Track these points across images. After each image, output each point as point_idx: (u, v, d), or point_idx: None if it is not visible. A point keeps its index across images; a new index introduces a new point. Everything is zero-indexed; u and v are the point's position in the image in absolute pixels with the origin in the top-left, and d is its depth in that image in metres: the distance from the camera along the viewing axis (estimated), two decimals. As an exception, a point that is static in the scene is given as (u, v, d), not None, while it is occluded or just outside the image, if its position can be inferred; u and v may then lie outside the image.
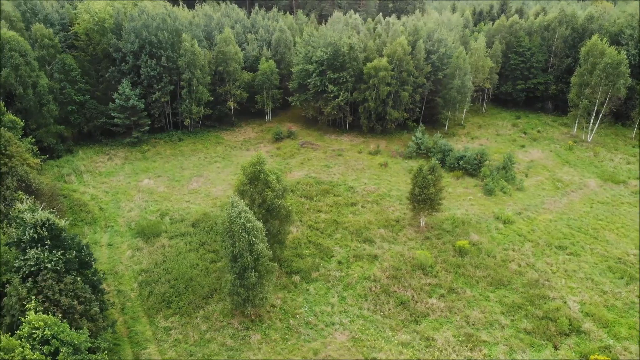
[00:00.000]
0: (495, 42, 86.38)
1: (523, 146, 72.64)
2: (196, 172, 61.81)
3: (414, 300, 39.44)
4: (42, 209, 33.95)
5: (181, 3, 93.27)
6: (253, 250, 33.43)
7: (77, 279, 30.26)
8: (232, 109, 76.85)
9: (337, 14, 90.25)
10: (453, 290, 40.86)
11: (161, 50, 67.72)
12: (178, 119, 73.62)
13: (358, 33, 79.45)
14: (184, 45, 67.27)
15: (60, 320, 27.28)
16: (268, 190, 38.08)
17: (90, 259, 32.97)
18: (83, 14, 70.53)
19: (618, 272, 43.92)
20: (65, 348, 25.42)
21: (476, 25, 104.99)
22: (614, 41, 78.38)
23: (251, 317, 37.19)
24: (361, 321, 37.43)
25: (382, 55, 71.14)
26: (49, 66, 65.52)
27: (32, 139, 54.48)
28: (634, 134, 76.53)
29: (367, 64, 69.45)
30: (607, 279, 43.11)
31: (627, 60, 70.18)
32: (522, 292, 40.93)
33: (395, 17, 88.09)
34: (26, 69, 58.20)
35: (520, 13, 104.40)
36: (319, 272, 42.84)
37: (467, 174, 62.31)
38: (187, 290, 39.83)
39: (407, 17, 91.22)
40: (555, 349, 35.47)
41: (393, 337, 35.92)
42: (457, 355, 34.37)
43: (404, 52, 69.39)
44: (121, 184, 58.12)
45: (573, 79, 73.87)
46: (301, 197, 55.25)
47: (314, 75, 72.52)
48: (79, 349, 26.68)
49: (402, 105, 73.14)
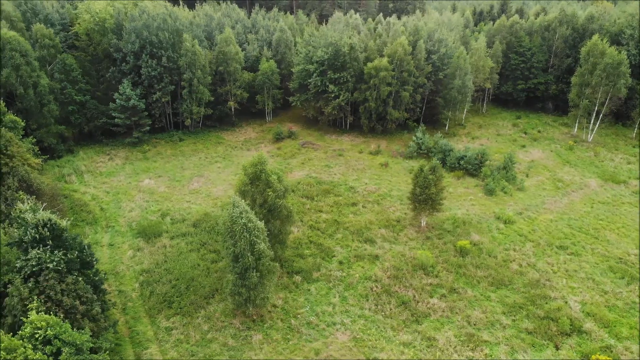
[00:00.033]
0: (496, 42, 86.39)
1: (524, 146, 72.66)
2: (197, 172, 61.81)
3: (415, 300, 39.46)
4: (43, 209, 33.99)
5: (181, 3, 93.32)
6: (254, 250, 33.44)
7: (79, 279, 30.28)
8: (233, 109, 76.85)
9: (337, 14, 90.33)
10: (454, 290, 40.88)
11: (162, 51, 67.72)
12: (179, 119, 73.64)
13: (359, 33, 79.49)
14: (185, 46, 67.28)
15: (62, 320, 27.29)
16: (269, 190, 38.08)
17: (92, 259, 33.03)
18: (84, 14, 70.53)
19: (619, 272, 43.94)
20: (68, 348, 25.44)
21: (476, 25, 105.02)
22: (615, 41, 78.39)
23: (252, 317, 37.21)
24: (362, 321, 37.45)
25: (382, 56, 71.15)
26: (50, 66, 65.52)
27: (32, 139, 54.45)
28: (634, 134, 76.56)
29: (368, 64, 69.46)
30: (608, 279, 43.14)
31: (628, 60, 70.16)
32: (523, 292, 40.95)
33: (395, 17, 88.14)
34: (27, 69, 58.19)
35: (521, 13, 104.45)
36: (320, 272, 42.85)
37: (467, 174, 62.32)
38: (188, 290, 39.84)
39: (407, 17, 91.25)
40: (557, 348, 35.50)
41: (394, 337, 35.94)
42: (459, 355, 34.38)
43: (404, 52, 69.40)
44: (122, 184, 58.12)
45: (573, 79, 73.88)
46: (302, 197, 55.26)
47: (315, 75, 72.53)
48: (81, 349, 26.70)
49: (402, 105, 73.15)
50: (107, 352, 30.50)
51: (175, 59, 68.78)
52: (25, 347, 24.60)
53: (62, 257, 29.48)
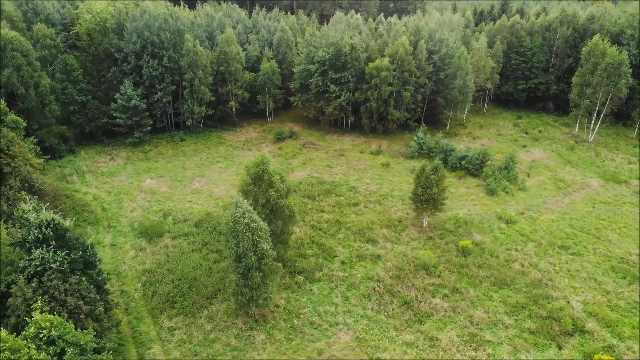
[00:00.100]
0: (497, 42, 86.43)
1: (525, 146, 72.70)
2: (198, 172, 61.81)
3: (417, 300, 39.48)
4: (45, 209, 33.97)
5: (182, 3, 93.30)
6: (257, 250, 33.45)
7: (82, 279, 30.25)
8: (234, 109, 76.84)
9: (338, 14, 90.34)
10: (456, 290, 40.90)
11: (163, 51, 67.71)
12: (180, 119, 73.66)
13: (360, 33, 79.51)
14: (186, 46, 67.26)
15: (66, 320, 27.29)
16: (272, 190, 38.10)
17: (95, 259, 32.99)
18: (85, 14, 70.50)
19: (621, 272, 44.00)
20: (72, 348, 25.43)
21: (477, 25, 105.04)
22: (615, 41, 78.43)
23: (255, 317, 37.21)
24: (365, 321, 37.47)
25: (383, 56, 71.18)
26: (51, 66, 65.48)
27: (34, 139, 54.42)
28: (635, 133, 76.65)
29: (369, 64, 69.48)
30: (610, 279, 43.19)
31: (628, 60, 70.23)
32: (525, 292, 40.98)
33: (396, 17, 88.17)
34: (28, 69, 58.16)
35: (521, 13, 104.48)
36: (322, 272, 42.87)
37: (469, 174, 62.35)
38: (190, 290, 39.84)
39: (408, 17, 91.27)
40: (559, 348, 35.53)
41: (397, 337, 35.96)
42: (462, 355, 34.40)
43: (405, 52, 69.43)
44: (123, 184, 58.11)
45: (574, 79, 73.92)
46: (303, 197, 55.27)
47: (316, 75, 72.54)
48: (84, 349, 26.70)
49: (403, 105, 73.18)
50: (110, 352, 30.51)
51: (177, 59, 68.78)
52: (29, 348, 24.59)
53: (65, 257, 29.47)
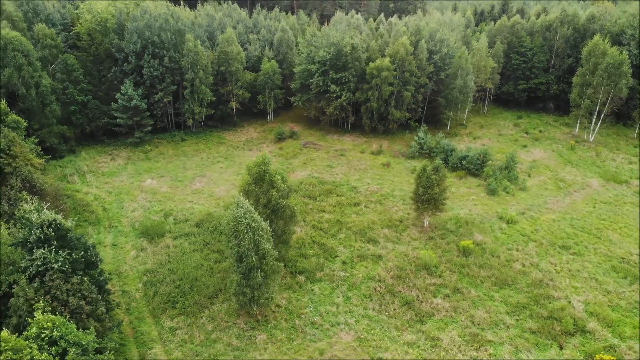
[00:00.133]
0: (497, 42, 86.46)
1: (525, 146, 72.72)
2: (199, 172, 61.81)
3: (418, 300, 39.49)
4: (46, 209, 33.95)
5: (182, 3, 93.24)
6: (259, 249, 33.45)
7: (84, 279, 30.26)
8: (235, 109, 76.83)
9: (339, 14, 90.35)
10: (458, 290, 40.91)
11: (164, 51, 67.70)
12: (180, 119, 73.66)
13: (360, 33, 79.50)
14: (187, 46, 67.23)
15: (68, 320, 27.28)
16: (273, 190, 38.10)
17: (96, 259, 32.97)
18: (85, 14, 70.51)
19: (622, 272, 44.02)
20: (74, 349, 25.42)
21: (477, 25, 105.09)
22: (616, 41, 78.47)
23: (257, 317, 37.22)
24: (366, 321, 37.47)
25: (384, 56, 71.18)
26: (52, 66, 65.47)
27: (35, 139, 54.42)
28: (635, 134, 76.70)
29: (370, 64, 69.49)
30: (610, 279, 43.21)
31: (629, 60, 70.27)
32: (526, 291, 41.00)
33: (396, 17, 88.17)
34: (29, 69, 58.14)
35: (522, 13, 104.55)
36: (323, 272, 42.88)
37: (469, 174, 62.36)
38: (192, 291, 39.84)
39: (409, 17, 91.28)
40: (561, 348, 35.55)
41: (399, 337, 35.97)
42: (463, 355, 34.42)
43: (406, 52, 69.44)
44: (124, 184, 58.10)
45: (575, 79, 73.93)
46: (304, 197, 55.26)
47: (317, 75, 72.54)
48: (86, 349, 26.69)
49: (404, 105, 73.19)
50: (112, 352, 30.51)
51: (177, 59, 68.77)
52: (31, 348, 24.58)
53: (67, 257, 29.46)
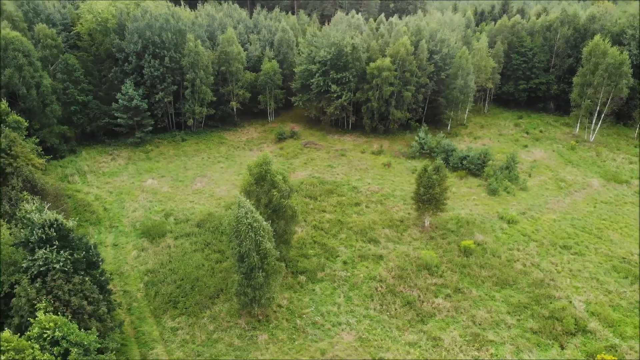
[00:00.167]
0: (497, 42, 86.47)
1: (526, 146, 72.74)
2: (200, 172, 61.81)
3: (420, 300, 39.50)
4: (47, 209, 33.97)
5: (183, 3, 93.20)
6: (260, 249, 33.46)
7: (86, 279, 30.27)
8: (235, 109, 76.81)
9: (339, 14, 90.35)
10: (459, 290, 40.93)
11: (164, 51, 67.69)
12: (181, 119, 73.63)
13: (361, 33, 79.50)
14: (188, 46, 67.20)
15: (70, 320, 27.29)
16: (274, 190, 38.10)
17: (98, 259, 32.97)
18: (86, 14, 70.48)
19: (622, 272, 44.05)
20: (76, 349, 25.43)
21: (478, 25, 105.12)
22: (616, 41, 78.49)
23: (258, 317, 37.22)
24: (368, 321, 37.49)
25: (384, 56, 71.19)
26: (52, 66, 65.45)
27: (35, 139, 54.41)
28: (635, 134, 76.73)
29: (371, 64, 69.49)
30: (611, 279, 43.24)
31: (629, 60, 70.27)
32: (527, 291, 41.02)
33: (397, 17, 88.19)
34: (29, 69, 58.11)
35: (522, 13, 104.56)
36: (324, 272, 42.88)
37: (470, 174, 62.38)
38: (193, 291, 39.84)
39: (409, 17, 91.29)
40: (562, 348, 35.57)
41: (400, 337, 35.98)
42: (464, 355, 34.43)
43: (406, 52, 69.45)
44: (125, 184, 58.09)
45: (575, 79, 73.93)
46: (305, 197, 55.27)
47: (317, 75, 72.53)
48: (88, 349, 26.70)
49: (405, 105, 73.19)
50: (114, 352, 30.51)
51: (178, 59, 68.77)
52: (33, 348, 24.57)
53: (69, 257, 29.48)
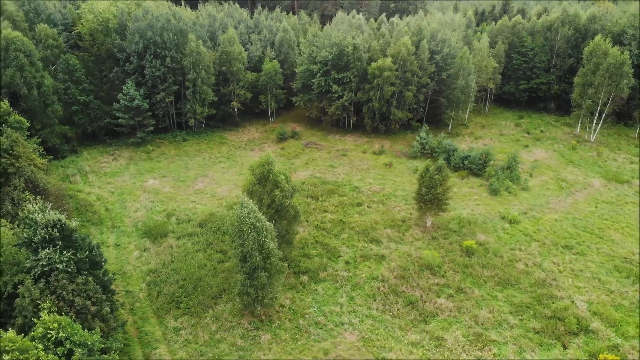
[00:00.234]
0: (498, 42, 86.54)
1: (527, 146, 72.78)
2: (201, 173, 61.80)
3: (422, 300, 39.53)
4: (49, 209, 33.94)
5: (183, 3, 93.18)
6: (263, 249, 33.47)
7: (89, 279, 30.27)
8: (236, 109, 76.79)
9: (340, 14, 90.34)
10: (461, 290, 40.96)
11: (166, 51, 67.67)
12: (182, 119, 73.62)
13: (362, 33, 79.50)
14: (189, 46, 67.19)
15: (73, 321, 27.28)
16: (277, 190, 38.12)
17: (101, 259, 33.00)
18: (87, 14, 70.45)
19: (624, 272, 44.10)
20: (80, 349, 25.42)
21: (479, 25, 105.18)
22: (617, 41, 78.55)
23: (261, 317, 37.23)
24: (370, 321, 37.51)
25: (386, 56, 71.20)
26: (53, 66, 65.42)
27: (37, 140, 54.38)
28: (636, 133, 76.80)
29: (372, 64, 69.51)
30: (613, 279, 43.28)
31: (630, 60, 70.31)
32: (529, 291, 41.06)
33: (397, 17, 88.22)
34: (31, 69, 58.07)
35: (523, 13, 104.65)
36: (326, 272, 42.90)
37: (471, 174, 62.42)
38: (195, 291, 39.85)
39: (410, 17, 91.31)
40: (564, 348, 35.61)
41: (403, 336, 36.01)
42: (467, 355, 34.46)
43: (408, 52, 69.47)
44: (126, 184, 58.08)
45: (576, 79, 73.95)
46: (307, 197, 55.27)
47: (318, 75, 72.53)
48: (92, 349, 26.69)
49: (406, 105, 73.21)
50: (117, 352, 30.50)
51: (179, 59, 68.76)
52: (37, 348, 24.56)
53: (72, 257, 29.47)
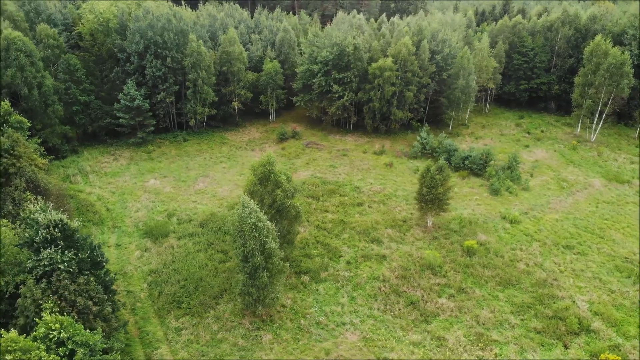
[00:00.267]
0: (499, 42, 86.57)
1: (527, 146, 72.81)
2: (202, 173, 61.80)
3: (423, 300, 39.54)
4: (51, 209, 33.92)
5: (184, 3, 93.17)
6: (265, 249, 33.48)
7: (91, 279, 30.27)
8: (237, 109, 76.79)
9: (341, 14, 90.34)
10: (462, 290, 40.97)
11: (166, 51, 67.66)
12: (183, 119, 73.62)
13: (362, 33, 79.51)
14: (190, 46, 67.17)
15: (75, 321, 27.27)
16: (278, 190, 38.12)
17: (102, 259, 33.01)
18: (87, 14, 70.44)
19: (625, 272, 44.14)
20: (82, 349, 25.42)
21: (479, 25, 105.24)
22: (617, 41, 78.60)
23: (262, 317, 37.24)
24: (372, 321, 37.52)
25: (386, 56, 71.22)
26: (54, 66, 65.41)
27: (38, 140, 54.36)
28: (636, 133, 76.84)
29: (372, 64, 69.52)
30: (614, 278, 43.31)
31: (631, 60, 70.31)
32: (531, 291, 41.07)
33: (398, 17, 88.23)
34: (31, 69, 58.05)
35: (523, 13, 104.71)
36: (327, 272, 42.91)
37: (472, 174, 62.44)
38: (197, 291, 39.85)
39: (411, 17, 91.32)
40: (566, 348, 35.63)
41: (404, 337, 36.02)
42: (469, 355, 34.48)
43: (408, 52, 69.48)
44: (127, 184, 58.08)
45: (577, 79, 73.97)
46: (307, 197, 55.26)
47: (319, 75, 72.51)
48: (94, 349, 26.69)
49: (406, 105, 73.22)
50: (118, 352, 30.49)
51: (180, 59, 68.74)
52: (39, 349, 24.56)
53: (73, 257, 29.48)
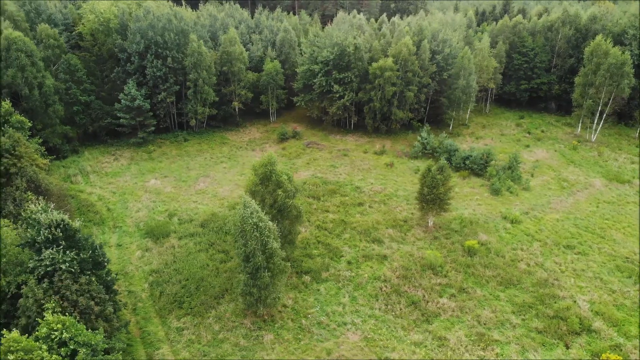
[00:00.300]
0: (499, 42, 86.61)
1: (527, 146, 72.83)
2: (202, 173, 61.80)
3: (425, 300, 39.56)
4: (52, 209, 33.91)
5: (184, 3, 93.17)
6: (266, 249, 33.49)
7: (92, 279, 30.27)
8: (237, 109, 76.79)
9: (341, 14, 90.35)
10: (463, 290, 40.99)
11: (167, 51, 67.64)
12: (183, 119, 73.60)
13: (363, 33, 79.52)
14: (191, 46, 67.17)
15: (77, 321, 27.27)
16: (280, 190, 38.14)
17: (104, 260, 32.99)
18: (88, 14, 70.42)
19: (626, 271, 44.17)
20: (84, 349, 25.42)
21: (479, 25, 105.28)
22: (617, 41, 78.61)
23: (263, 317, 37.24)
24: (373, 321, 37.53)
25: (387, 56, 71.23)
26: (55, 66, 65.39)
27: (38, 140, 54.35)
28: (637, 133, 76.87)
29: (373, 64, 69.53)
30: (615, 278, 43.34)
31: (631, 60, 70.32)
32: (532, 291, 41.09)
33: (398, 17, 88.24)
34: (32, 69, 58.02)
35: (523, 13, 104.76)
36: (329, 272, 42.92)
37: (473, 174, 62.46)
38: (198, 291, 39.86)
39: (411, 17, 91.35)
40: (567, 347, 35.65)
41: (405, 336, 36.03)
42: (470, 355, 34.49)
43: (409, 52, 69.50)
44: (128, 184, 58.08)
45: (577, 79, 74.00)
46: (308, 197, 55.27)
47: (320, 75, 72.51)
48: (96, 349, 26.70)
49: (407, 105, 73.23)
50: (120, 352, 30.48)
51: (180, 59, 68.74)
52: (40, 349, 24.56)
53: (75, 257, 29.48)
